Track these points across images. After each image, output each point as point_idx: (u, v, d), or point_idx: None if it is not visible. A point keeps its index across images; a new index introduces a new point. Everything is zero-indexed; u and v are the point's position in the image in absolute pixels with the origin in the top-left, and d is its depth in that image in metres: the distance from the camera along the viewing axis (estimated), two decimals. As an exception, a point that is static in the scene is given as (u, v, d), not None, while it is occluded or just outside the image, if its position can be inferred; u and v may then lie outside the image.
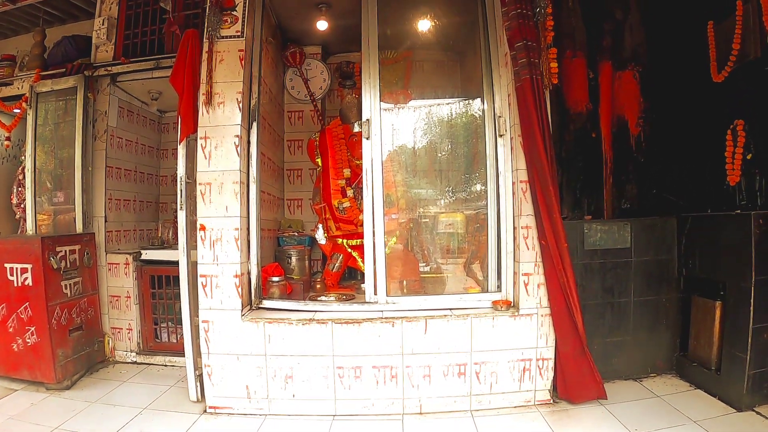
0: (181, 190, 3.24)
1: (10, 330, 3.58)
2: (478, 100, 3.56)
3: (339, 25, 4.32)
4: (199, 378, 3.24)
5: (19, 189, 5.00)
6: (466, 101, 3.85)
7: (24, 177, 4.91)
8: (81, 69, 4.26)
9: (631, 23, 4.03)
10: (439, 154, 3.98)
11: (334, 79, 4.76)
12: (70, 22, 5.17)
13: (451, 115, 4.00)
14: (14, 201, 5.03)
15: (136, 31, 4.37)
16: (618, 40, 4.03)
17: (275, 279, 3.50)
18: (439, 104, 4.06)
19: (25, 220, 4.90)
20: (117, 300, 4.21)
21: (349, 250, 4.00)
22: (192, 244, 3.26)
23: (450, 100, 4.04)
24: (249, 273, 3.30)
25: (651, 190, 3.96)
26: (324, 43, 4.74)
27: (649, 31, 4.01)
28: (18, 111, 4.59)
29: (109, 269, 4.21)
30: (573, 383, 3.04)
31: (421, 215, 3.95)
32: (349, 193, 4.05)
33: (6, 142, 4.89)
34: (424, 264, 3.89)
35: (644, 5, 4.05)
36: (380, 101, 3.34)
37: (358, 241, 3.75)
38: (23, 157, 4.96)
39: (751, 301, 2.86)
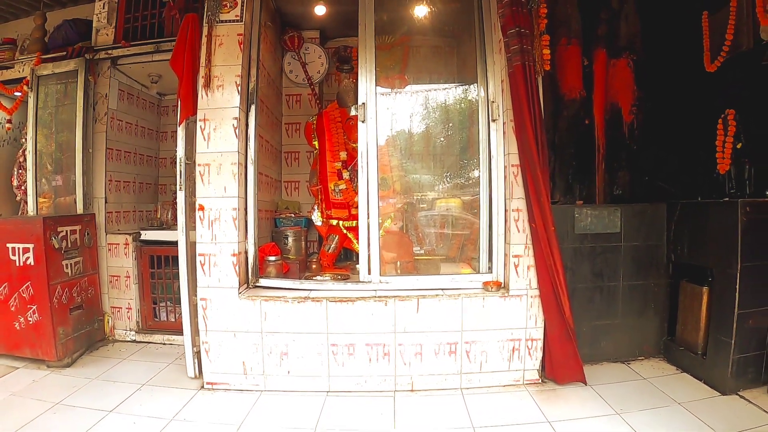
0: (181, 171, 3.36)
1: (12, 309, 3.68)
2: (474, 85, 3.67)
3: (337, 10, 4.42)
4: (197, 355, 3.37)
5: (20, 171, 5.11)
6: (462, 86, 3.96)
7: (24, 159, 5.02)
8: (82, 52, 4.35)
9: (627, 12, 4.12)
10: (435, 139, 4.09)
11: (332, 63, 4.86)
12: (70, 5, 5.25)
13: (447, 99, 4.11)
14: (15, 183, 5.13)
15: (137, 15, 4.45)
16: (613, 28, 4.12)
17: (272, 258, 3.63)
18: (435, 89, 4.17)
19: (25, 201, 5.00)
20: (117, 280, 4.33)
21: (345, 231, 4.12)
22: (191, 225, 3.38)
23: (446, 86, 4.16)
24: (246, 252, 3.43)
25: (643, 177, 4.07)
26: (322, 27, 4.84)
27: (645, 20, 4.10)
28: (19, 94, 4.68)
29: (109, 249, 4.33)
30: (559, 365, 3.18)
31: (416, 198, 4.06)
32: (345, 175, 4.17)
33: (7, 125, 4.99)
34: (418, 246, 4.01)
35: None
36: (376, 86, 3.44)
37: (354, 222, 3.86)
38: (24, 140, 5.06)
39: (737, 287, 2.97)
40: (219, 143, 3.24)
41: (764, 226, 2.97)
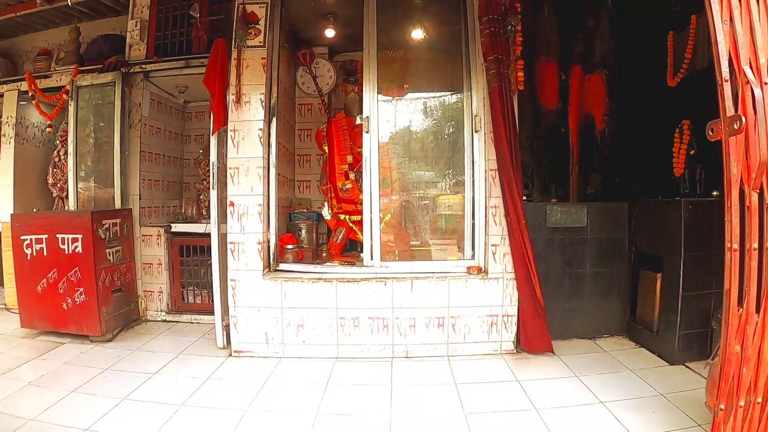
0: (213, 174, 4.11)
1: (61, 291, 4.38)
2: (462, 99, 4.40)
3: (344, 31, 5.16)
4: (226, 328, 4.12)
5: (55, 170, 5.85)
6: (453, 99, 4.67)
7: (59, 159, 5.78)
8: (118, 66, 5.06)
9: (602, 31, 4.78)
10: (430, 143, 4.80)
11: (340, 75, 5.59)
12: (98, 18, 5.93)
13: (441, 109, 4.81)
14: (50, 181, 5.84)
15: (166, 32, 5.18)
16: (589, 46, 4.78)
17: (290, 246, 4.38)
18: (430, 98, 4.85)
19: (61, 198, 5.77)
20: (150, 267, 5.09)
21: (351, 224, 4.83)
22: (221, 218, 4.14)
23: (440, 96, 4.83)
24: (269, 241, 4.17)
25: (614, 178, 4.77)
26: (330, 44, 5.56)
27: (618, 38, 4.74)
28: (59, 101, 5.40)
29: (143, 240, 5.09)
30: (531, 337, 3.89)
31: (413, 195, 4.77)
32: (351, 176, 4.88)
33: (48, 129, 5.67)
34: (414, 237, 4.74)
35: (615, 15, 4.81)
36: (378, 96, 4.17)
37: (359, 217, 4.55)
38: (58, 141, 5.82)
39: (681, 273, 3.60)
40: (246, 150, 4.00)
41: (703, 221, 3.55)
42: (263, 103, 4.02)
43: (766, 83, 1.90)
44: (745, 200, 1.87)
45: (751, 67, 1.90)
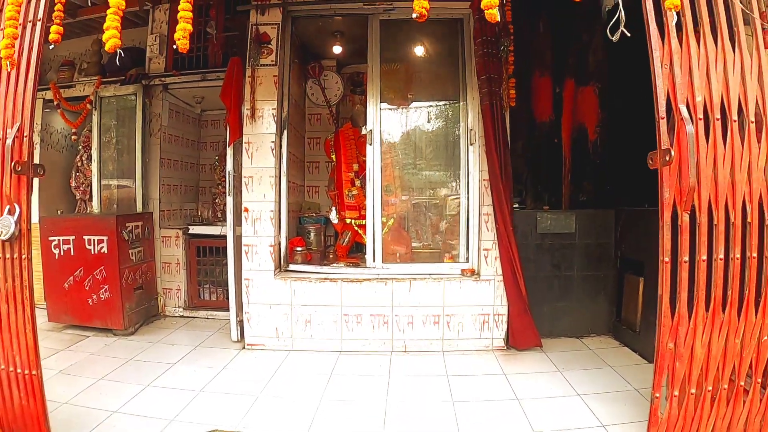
0: (229, 182, 4.56)
1: (86, 288, 4.81)
2: (459, 112, 4.81)
3: (351, 46, 5.58)
4: (240, 323, 4.57)
5: (77, 174, 6.31)
6: (451, 112, 5.08)
7: (82, 164, 6.24)
8: (139, 78, 5.51)
9: (595, 45, 5.10)
10: (429, 154, 5.19)
11: (347, 87, 6.02)
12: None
13: (440, 121, 5.21)
14: (73, 184, 6.28)
15: (184, 46, 5.65)
16: (582, 60, 5.10)
17: (299, 249, 4.81)
18: (431, 111, 5.27)
19: (83, 201, 6.22)
20: (168, 266, 5.55)
21: (356, 228, 5.22)
22: (237, 222, 4.59)
23: (440, 107, 5.23)
24: (279, 244, 4.61)
25: (605, 187, 5.13)
26: (338, 56, 5.97)
27: (610, 52, 5.06)
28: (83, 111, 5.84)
29: (163, 241, 5.54)
30: (519, 334, 4.29)
31: (413, 202, 5.16)
32: (357, 183, 5.28)
33: (73, 137, 6.06)
34: (416, 240, 5.15)
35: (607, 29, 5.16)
36: (382, 106, 4.64)
37: (364, 221, 4.92)
38: (81, 147, 6.28)
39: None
40: (260, 160, 4.43)
41: (680, 228, 4.00)
42: (275, 117, 4.46)
43: (700, 119, 2.30)
44: (678, 220, 2.27)
45: (688, 105, 2.30)
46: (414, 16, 2.23)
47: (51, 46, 2.80)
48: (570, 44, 5.14)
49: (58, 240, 4.87)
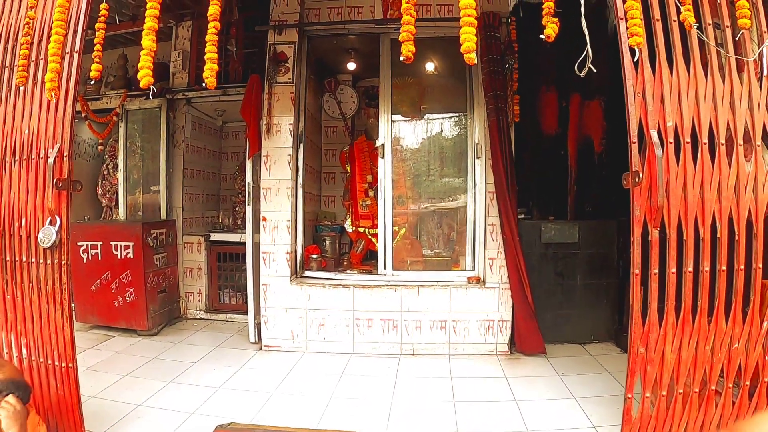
0: (249, 192, 4.95)
1: (113, 291, 5.19)
2: (468, 127, 5.12)
3: (365, 61, 5.91)
4: (258, 326, 4.92)
5: (103, 182, 6.73)
6: (459, 126, 5.40)
7: (108, 172, 6.67)
8: (163, 93, 5.87)
9: (600, 60, 5.41)
10: (437, 167, 5.47)
11: (362, 100, 6.39)
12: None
13: (449, 135, 5.55)
14: (99, 192, 6.71)
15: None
16: (587, 74, 5.41)
17: (314, 256, 5.14)
18: (441, 124, 5.59)
19: (109, 207, 6.65)
20: (190, 271, 5.95)
21: (370, 236, 5.53)
22: (255, 230, 4.96)
23: (450, 120, 5.54)
24: (296, 251, 4.96)
25: (611, 198, 5.39)
26: (353, 71, 6.31)
27: (614, 66, 5.36)
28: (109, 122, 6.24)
29: (185, 247, 5.94)
30: (524, 339, 4.57)
31: (424, 212, 5.46)
32: (371, 193, 5.60)
33: (99, 147, 6.46)
34: (428, 248, 5.47)
35: (613, 44, 5.41)
36: (393, 118, 4.97)
37: (377, 230, 5.20)
38: (107, 156, 6.71)
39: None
40: (277, 172, 4.80)
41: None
42: (292, 132, 4.82)
43: (671, 142, 2.59)
44: (648, 236, 2.56)
45: (659, 129, 2.59)
46: (401, 58, 2.56)
47: (92, 81, 3.16)
48: (576, 59, 5.40)
49: (87, 245, 5.26)
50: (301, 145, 5.00)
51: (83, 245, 5.26)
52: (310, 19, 5.02)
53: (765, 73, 2.70)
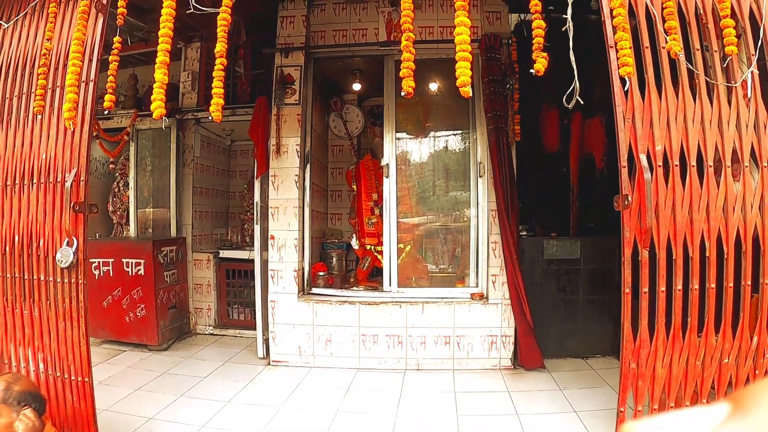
0: (257, 211, 5.13)
1: (124, 306, 5.38)
2: (470, 147, 5.30)
3: (370, 81, 6.12)
4: (266, 341, 5.07)
5: (114, 199, 6.93)
6: (463, 145, 5.58)
7: (119, 190, 6.87)
8: (173, 113, 6.04)
9: (602, 78, 5.58)
10: (441, 186, 5.63)
11: (368, 119, 6.58)
12: (152, 64, 7.03)
13: (454, 153, 5.72)
14: (110, 209, 6.89)
15: (215, 83, 6.28)
16: (589, 92, 5.59)
17: (321, 273, 5.30)
18: (444, 142, 5.76)
19: (120, 224, 6.84)
20: (200, 287, 6.12)
21: (376, 254, 5.68)
22: (263, 248, 5.14)
23: (453, 138, 5.73)
24: (303, 269, 5.13)
25: (613, 214, 5.53)
26: (359, 91, 6.51)
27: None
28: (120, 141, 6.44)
29: (195, 264, 6.12)
30: (524, 354, 4.70)
31: (428, 229, 5.62)
32: (377, 211, 5.76)
33: (111, 166, 6.66)
34: (431, 265, 5.63)
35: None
36: (399, 138, 5.19)
37: (383, 247, 5.47)
38: (117, 174, 6.91)
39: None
40: (285, 192, 4.98)
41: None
42: (299, 152, 5.01)
43: (659, 166, 2.75)
44: (638, 256, 2.71)
45: (648, 153, 2.76)
46: (402, 93, 2.75)
47: (106, 112, 3.35)
48: (578, 77, 5.57)
49: (99, 262, 5.46)
50: (308, 165, 5.19)
51: (95, 262, 5.45)
52: (316, 42, 5.23)
53: (751, 94, 2.85)
